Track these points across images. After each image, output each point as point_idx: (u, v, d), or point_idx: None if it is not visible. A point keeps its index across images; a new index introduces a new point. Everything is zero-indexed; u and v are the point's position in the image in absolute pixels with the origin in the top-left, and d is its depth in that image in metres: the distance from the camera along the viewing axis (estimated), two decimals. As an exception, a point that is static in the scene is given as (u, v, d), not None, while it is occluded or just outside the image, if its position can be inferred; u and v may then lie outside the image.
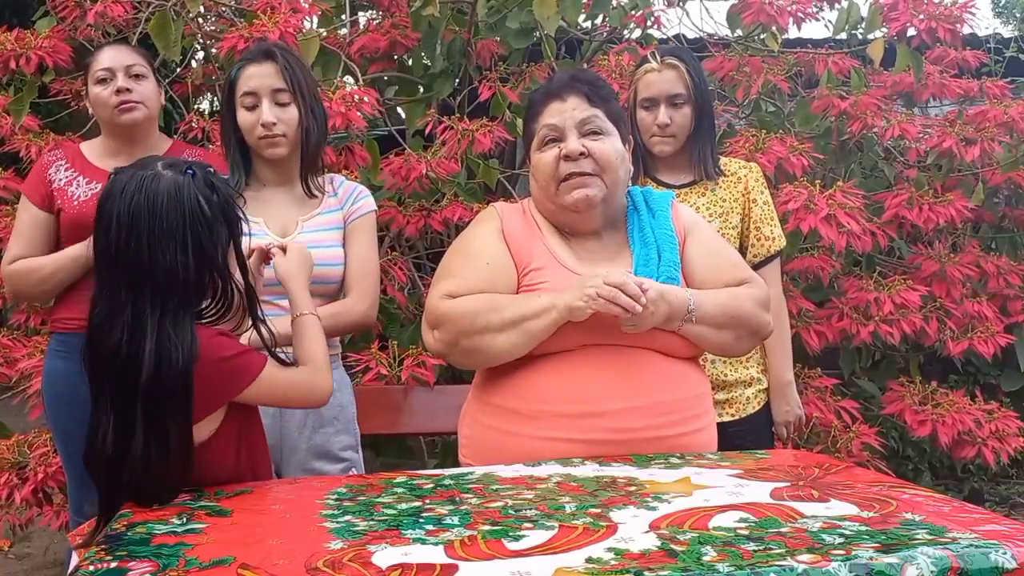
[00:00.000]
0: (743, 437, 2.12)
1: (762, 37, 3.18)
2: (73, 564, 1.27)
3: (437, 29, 3.22)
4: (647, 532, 1.14)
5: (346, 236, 2.06)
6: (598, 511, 1.23)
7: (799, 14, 3.08)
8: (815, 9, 3.18)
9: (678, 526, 1.17)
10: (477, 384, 1.78)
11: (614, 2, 3.39)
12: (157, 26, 2.69)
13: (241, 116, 2.01)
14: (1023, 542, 1.08)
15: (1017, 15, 12.94)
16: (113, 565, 1.08)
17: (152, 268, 1.39)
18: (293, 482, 1.72)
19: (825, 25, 3.37)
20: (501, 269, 1.72)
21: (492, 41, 3.25)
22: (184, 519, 1.26)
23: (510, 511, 1.25)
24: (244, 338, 1.61)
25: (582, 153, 1.69)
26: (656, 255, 1.72)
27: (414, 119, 3.18)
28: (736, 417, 2.25)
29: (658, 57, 2.27)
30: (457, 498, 1.33)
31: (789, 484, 1.37)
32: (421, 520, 1.21)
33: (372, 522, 1.22)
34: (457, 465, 1.73)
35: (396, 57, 3.30)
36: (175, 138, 2.53)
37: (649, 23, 3.43)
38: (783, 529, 1.14)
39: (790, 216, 2.61)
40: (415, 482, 1.44)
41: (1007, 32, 9.01)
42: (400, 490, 1.39)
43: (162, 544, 1.15)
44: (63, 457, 2.35)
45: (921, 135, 3.30)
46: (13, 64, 2.89)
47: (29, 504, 2.67)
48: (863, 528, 1.15)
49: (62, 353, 2.23)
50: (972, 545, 1.07)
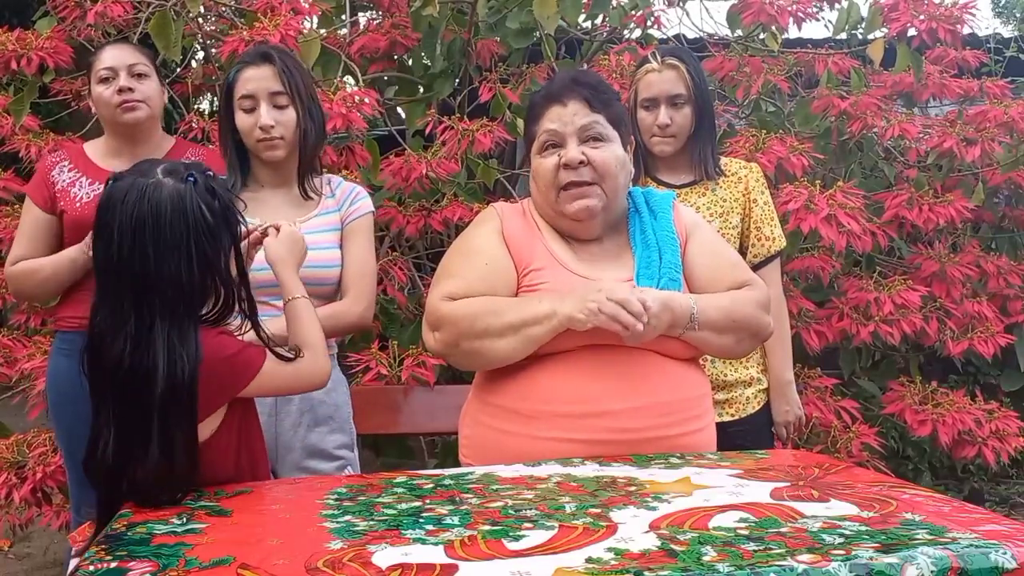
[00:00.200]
0: (743, 437, 2.12)
1: (762, 37, 3.18)
2: (73, 566, 1.27)
3: (437, 29, 3.22)
4: (647, 532, 1.14)
5: (343, 238, 2.06)
6: (598, 511, 1.23)
7: (799, 14, 3.08)
8: (815, 9, 3.18)
9: (678, 526, 1.17)
10: (477, 384, 1.78)
11: (614, 2, 3.39)
12: (157, 26, 2.69)
13: (239, 119, 2.01)
14: (1023, 542, 1.08)
15: (1017, 15, 12.95)
16: (113, 565, 1.08)
17: (157, 279, 1.37)
18: (293, 482, 1.72)
19: (825, 25, 3.38)
20: (501, 269, 1.71)
21: (492, 41, 3.25)
22: (184, 519, 1.26)
23: (510, 511, 1.25)
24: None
25: (581, 162, 1.68)
26: (657, 257, 1.72)
27: (414, 119, 3.18)
28: (736, 417, 2.25)
29: (658, 57, 2.27)
30: (457, 498, 1.33)
31: (789, 484, 1.37)
32: (421, 520, 1.21)
33: (372, 522, 1.21)
34: (457, 465, 1.73)
35: (396, 57, 3.30)
36: (177, 137, 2.53)
37: (649, 23, 3.43)
38: (783, 529, 1.14)
39: (790, 216, 2.61)
40: (415, 482, 1.44)
41: (1007, 32, 9.02)
42: (400, 490, 1.39)
43: (162, 544, 1.15)
44: (65, 456, 2.36)
45: (921, 135, 3.30)
46: (14, 65, 2.89)
47: (28, 504, 2.67)
48: (863, 528, 1.15)
49: (66, 351, 2.23)
50: (972, 545, 1.07)
